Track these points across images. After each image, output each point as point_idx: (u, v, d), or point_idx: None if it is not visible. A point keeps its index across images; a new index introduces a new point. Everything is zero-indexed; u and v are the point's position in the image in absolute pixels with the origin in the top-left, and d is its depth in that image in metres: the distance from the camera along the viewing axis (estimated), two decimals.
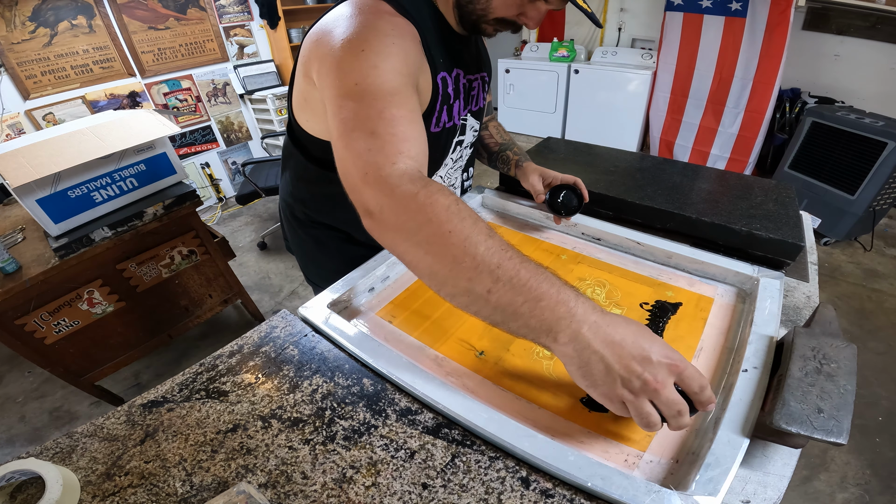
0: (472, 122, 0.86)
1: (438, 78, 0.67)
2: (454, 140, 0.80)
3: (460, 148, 0.84)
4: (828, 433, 0.42)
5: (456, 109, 0.74)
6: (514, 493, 0.44)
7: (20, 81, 2.42)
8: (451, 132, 0.77)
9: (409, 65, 0.57)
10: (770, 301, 0.63)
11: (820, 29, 3.13)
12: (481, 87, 0.84)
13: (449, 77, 0.70)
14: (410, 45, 0.58)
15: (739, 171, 3.26)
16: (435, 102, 0.68)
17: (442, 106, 0.70)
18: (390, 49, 0.54)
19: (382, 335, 0.65)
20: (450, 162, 0.84)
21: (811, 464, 1.51)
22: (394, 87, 0.53)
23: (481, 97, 0.85)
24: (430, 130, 0.69)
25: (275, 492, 0.44)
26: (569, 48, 4.01)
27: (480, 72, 0.82)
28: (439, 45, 0.67)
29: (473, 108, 0.84)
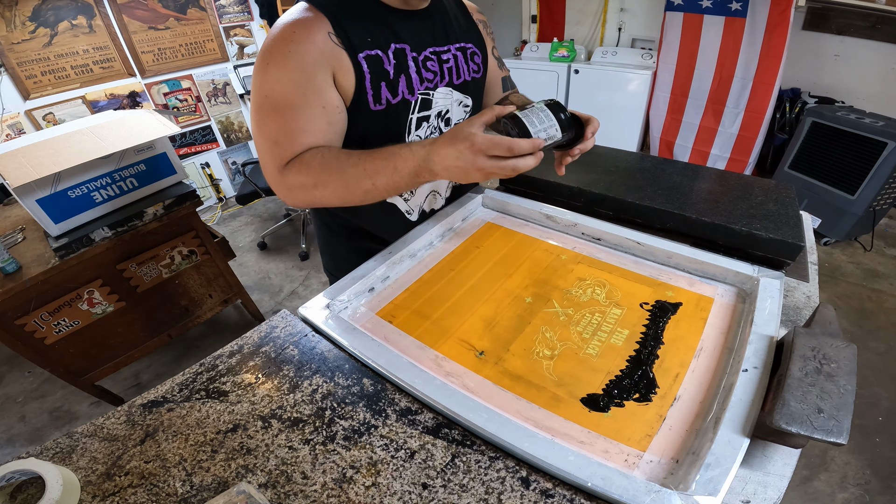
0: (458, 96, 0.84)
1: (361, 58, 0.68)
2: (413, 116, 0.78)
3: (427, 124, 0.82)
4: (828, 433, 0.42)
5: (403, 85, 0.74)
6: (514, 493, 0.44)
7: (20, 81, 2.42)
8: (402, 108, 0.75)
9: (309, 65, 0.64)
10: (770, 301, 0.63)
11: (820, 29, 3.13)
12: (464, 60, 0.83)
13: (383, 54, 0.70)
14: (309, 45, 0.64)
15: (739, 171, 3.26)
16: (362, 82, 0.69)
17: (377, 83, 0.70)
18: (289, 59, 0.64)
19: (382, 335, 0.65)
20: (416, 139, 0.81)
21: (811, 464, 1.51)
22: (292, 99, 0.65)
23: (465, 70, 0.84)
24: (371, 108, 0.71)
25: (275, 492, 0.44)
26: (569, 48, 4.01)
27: (451, 44, 0.81)
28: (365, 25, 0.69)
29: (456, 82, 0.83)
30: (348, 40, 0.67)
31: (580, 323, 0.66)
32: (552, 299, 0.71)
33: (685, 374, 0.57)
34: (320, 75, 0.65)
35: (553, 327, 0.65)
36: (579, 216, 0.88)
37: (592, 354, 0.61)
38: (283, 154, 0.68)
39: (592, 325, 0.65)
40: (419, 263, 0.81)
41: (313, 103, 0.66)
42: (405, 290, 0.75)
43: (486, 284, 0.75)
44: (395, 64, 0.72)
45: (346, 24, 0.67)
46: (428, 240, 0.85)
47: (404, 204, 0.89)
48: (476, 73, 0.87)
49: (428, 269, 0.79)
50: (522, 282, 0.75)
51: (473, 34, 0.88)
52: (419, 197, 0.90)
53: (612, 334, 0.64)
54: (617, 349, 0.61)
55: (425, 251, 0.84)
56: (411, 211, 0.90)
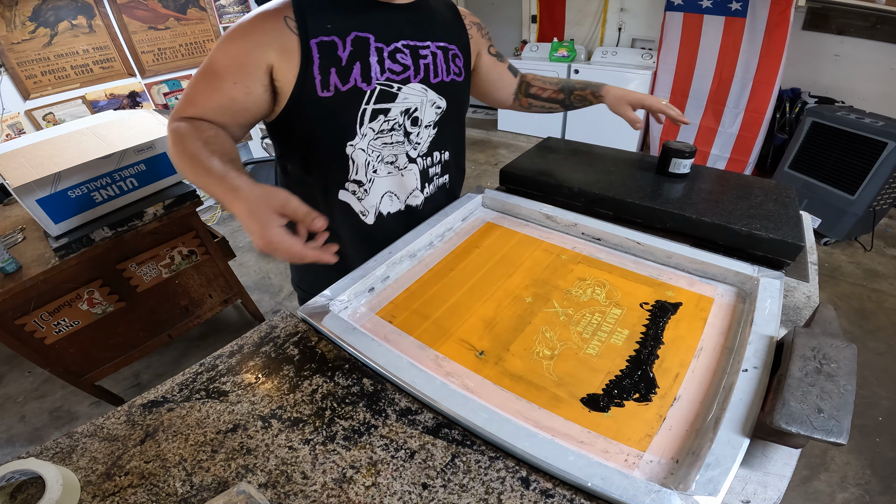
0: (433, 96, 0.82)
1: (313, 43, 0.68)
2: (367, 106, 0.75)
3: (384, 118, 0.78)
4: (828, 433, 0.42)
5: (357, 73, 0.72)
6: (514, 493, 0.44)
7: (20, 81, 2.42)
8: (352, 96, 0.73)
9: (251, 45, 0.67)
10: (770, 301, 0.63)
11: (820, 29, 3.13)
12: (444, 59, 0.82)
13: (340, 41, 0.70)
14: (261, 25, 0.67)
15: (739, 171, 3.26)
16: (309, 67, 0.68)
17: (325, 69, 0.70)
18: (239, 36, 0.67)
19: (382, 335, 0.65)
20: (370, 132, 0.78)
21: (811, 464, 1.51)
22: (219, 68, 0.68)
23: (443, 70, 0.82)
24: (318, 95, 0.70)
25: (275, 492, 0.44)
26: (569, 48, 4.02)
27: (431, 41, 0.80)
28: (330, 12, 0.70)
29: (433, 81, 0.81)
30: (304, 25, 0.67)
31: (580, 323, 0.66)
32: (552, 299, 0.71)
33: (685, 374, 0.57)
34: (257, 54, 0.67)
35: (553, 327, 0.65)
36: (579, 216, 0.88)
37: (592, 354, 0.61)
38: (184, 109, 0.70)
39: (592, 325, 0.65)
40: (419, 263, 0.81)
41: (230, 76, 0.67)
42: (405, 290, 0.75)
43: (486, 284, 0.75)
44: (350, 51, 0.71)
45: (309, 9, 0.68)
46: (428, 240, 0.85)
47: (358, 203, 0.84)
48: (457, 75, 0.85)
49: (428, 269, 0.79)
50: (522, 282, 0.75)
51: (460, 38, 0.86)
52: (373, 196, 0.85)
53: (612, 334, 0.64)
54: (617, 349, 0.61)
55: (425, 251, 0.84)
56: (366, 212, 0.86)
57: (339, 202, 0.83)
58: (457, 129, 0.94)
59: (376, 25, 0.73)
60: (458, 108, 0.90)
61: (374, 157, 0.81)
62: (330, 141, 0.77)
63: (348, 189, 0.82)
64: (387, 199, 0.87)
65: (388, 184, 0.85)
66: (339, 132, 0.76)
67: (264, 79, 0.69)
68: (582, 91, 1.01)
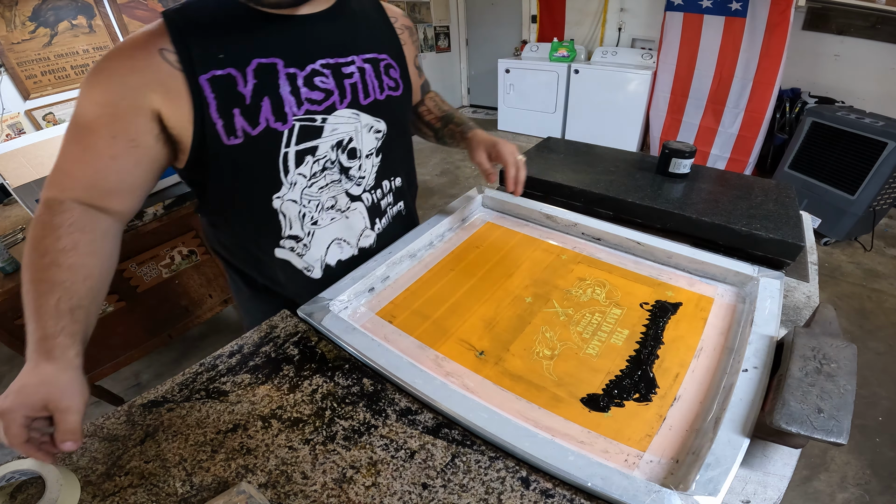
0: (368, 120, 0.69)
1: (203, 80, 0.54)
2: (289, 150, 0.63)
3: (313, 158, 0.65)
4: (828, 433, 0.42)
5: (267, 110, 0.59)
6: (514, 493, 0.44)
7: (20, 81, 2.42)
8: (267, 140, 0.60)
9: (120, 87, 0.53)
10: (770, 301, 0.63)
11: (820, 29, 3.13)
12: (374, 74, 0.69)
13: (239, 73, 0.56)
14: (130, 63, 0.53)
15: (739, 171, 3.26)
16: (204, 111, 0.55)
17: (226, 111, 0.56)
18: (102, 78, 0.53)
19: (382, 335, 0.65)
20: (300, 179, 0.66)
21: (811, 464, 1.51)
22: (89, 121, 0.54)
23: (375, 87, 0.69)
24: (225, 143, 0.57)
25: (275, 492, 0.44)
26: (569, 48, 4.02)
27: (356, 54, 0.66)
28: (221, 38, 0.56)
29: (364, 102, 0.68)
30: (188, 58, 0.54)
31: (580, 323, 0.66)
32: (552, 299, 0.71)
33: (685, 374, 0.57)
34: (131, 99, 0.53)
35: (553, 327, 0.65)
36: (579, 216, 0.88)
37: (592, 354, 0.61)
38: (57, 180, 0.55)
39: (592, 325, 0.65)
40: (419, 263, 0.81)
41: (104, 130, 0.53)
42: (405, 290, 0.75)
43: (486, 284, 0.75)
44: (255, 84, 0.57)
45: (191, 36, 0.54)
46: (428, 240, 0.85)
47: (299, 260, 0.73)
48: (393, 89, 0.72)
49: (428, 269, 0.79)
50: (522, 282, 0.75)
51: (391, 44, 0.73)
52: (317, 250, 0.73)
53: (612, 334, 0.64)
54: (617, 349, 0.61)
55: (425, 251, 0.84)
56: (310, 267, 0.74)
57: (277, 260, 0.72)
58: (406, 148, 0.82)
59: (283, 46, 0.60)
60: (401, 127, 0.78)
61: (311, 208, 0.69)
62: (250, 196, 0.65)
63: (284, 246, 0.71)
64: (335, 248, 0.76)
65: (333, 231, 0.74)
66: (259, 186, 0.64)
67: (152, 126, 0.55)
68: (456, 127, 0.86)
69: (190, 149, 0.58)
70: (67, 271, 0.51)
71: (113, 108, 0.53)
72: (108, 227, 0.57)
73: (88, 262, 0.53)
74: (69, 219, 0.53)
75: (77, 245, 0.52)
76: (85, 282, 0.52)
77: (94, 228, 0.55)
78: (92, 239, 0.54)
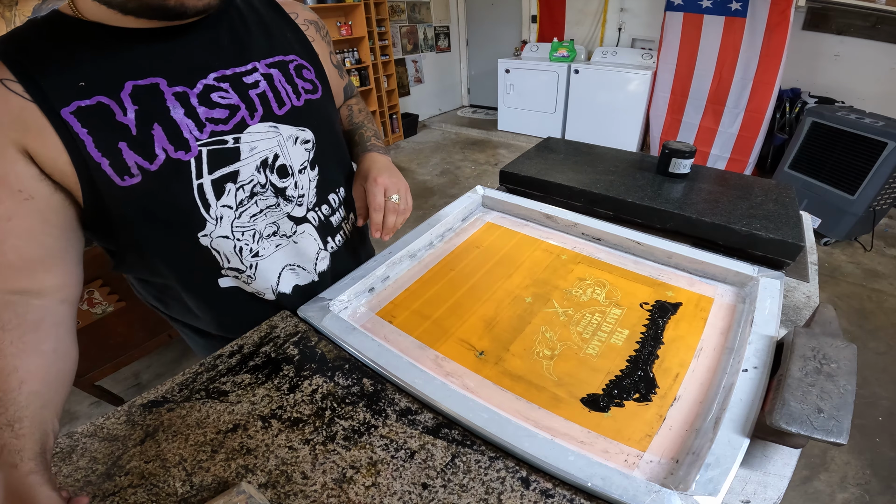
0: (290, 131, 0.60)
1: (66, 114, 0.45)
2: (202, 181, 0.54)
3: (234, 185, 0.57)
4: (828, 433, 0.42)
5: (162, 139, 0.50)
6: (514, 493, 0.44)
7: None
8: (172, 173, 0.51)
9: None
10: (770, 301, 0.63)
11: (820, 29, 3.13)
12: (285, 79, 0.60)
13: (112, 101, 0.48)
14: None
15: (739, 171, 3.26)
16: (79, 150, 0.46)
17: (109, 146, 0.48)
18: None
19: (382, 335, 0.65)
20: (226, 212, 0.57)
21: (811, 464, 1.51)
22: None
23: (289, 93, 0.61)
24: (119, 185, 0.49)
25: (275, 492, 0.44)
26: (569, 48, 4.02)
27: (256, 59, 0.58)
28: (74, 64, 0.47)
29: (279, 112, 0.59)
30: (39, 91, 0.44)
31: (580, 323, 0.66)
32: (552, 299, 0.71)
33: (685, 374, 0.57)
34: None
35: (553, 327, 0.65)
36: (579, 216, 0.88)
37: (592, 354, 0.61)
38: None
39: (592, 325, 0.65)
40: (419, 263, 0.81)
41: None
42: (405, 290, 0.75)
43: (486, 284, 0.75)
44: (137, 111, 0.49)
45: (34, 68, 0.45)
46: (428, 240, 0.85)
47: (248, 286, 0.65)
48: (311, 92, 0.64)
49: (428, 269, 0.79)
50: (522, 282, 0.75)
51: (297, 41, 0.64)
52: (264, 280, 0.65)
53: (612, 334, 0.64)
54: (617, 349, 0.61)
55: (425, 251, 0.84)
56: (262, 293, 0.67)
57: (224, 290, 0.64)
58: (340, 154, 0.73)
59: (160, 63, 0.51)
60: (330, 133, 0.68)
61: (247, 239, 0.61)
62: (169, 239, 0.56)
63: (228, 275, 0.63)
64: (288, 275, 0.68)
65: (281, 259, 0.66)
66: (179, 226, 0.55)
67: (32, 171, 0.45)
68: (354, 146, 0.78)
69: (82, 196, 0.48)
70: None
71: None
72: (43, 315, 0.46)
73: (21, 363, 0.42)
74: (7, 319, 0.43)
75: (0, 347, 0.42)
76: (21, 388, 0.41)
77: (20, 322, 0.44)
78: (19, 335, 0.43)
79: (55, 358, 0.46)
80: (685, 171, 0.98)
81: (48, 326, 0.46)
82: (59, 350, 0.46)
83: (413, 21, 4.75)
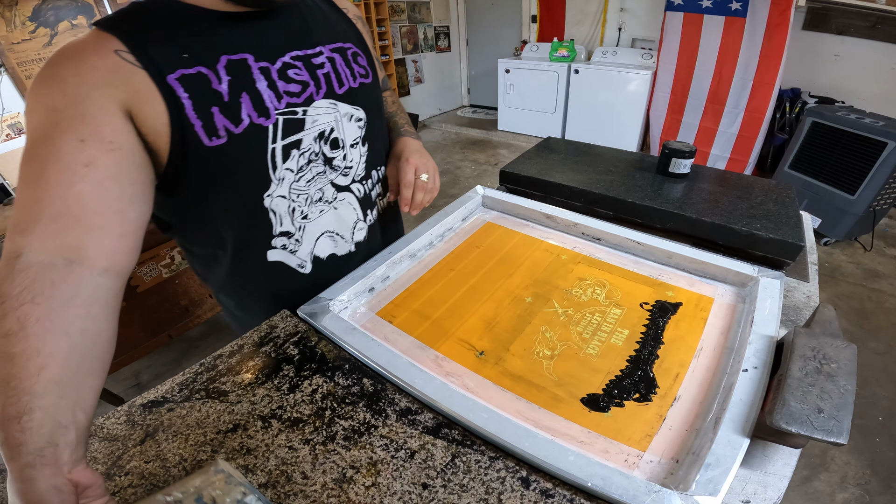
0: (346, 108, 0.68)
1: (172, 80, 0.51)
2: (276, 145, 0.61)
3: (298, 152, 0.64)
4: (828, 433, 0.42)
5: (248, 106, 0.57)
6: (514, 493, 0.44)
7: (20, 81, 2.42)
8: (253, 137, 0.58)
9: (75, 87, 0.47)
10: (770, 301, 0.63)
11: (820, 29, 3.13)
12: (344, 63, 0.68)
13: (210, 71, 0.54)
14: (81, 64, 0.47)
15: (739, 171, 3.26)
16: (180, 111, 0.52)
17: (204, 110, 0.53)
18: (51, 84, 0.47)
19: (382, 335, 0.65)
20: (287, 175, 0.64)
21: (811, 464, 1.51)
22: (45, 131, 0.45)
23: (348, 75, 0.68)
24: (206, 144, 0.54)
25: (275, 492, 0.44)
26: (569, 48, 4.02)
27: (321, 45, 0.66)
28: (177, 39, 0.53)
29: (339, 91, 0.67)
30: (149, 59, 0.50)
31: (580, 323, 0.66)
32: (552, 299, 0.71)
33: (685, 374, 0.57)
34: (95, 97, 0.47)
35: (553, 327, 0.65)
36: (579, 216, 0.88)
37: (592, 354, 0.61)
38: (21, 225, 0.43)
39: (592, 325, 0.65)
40: (419, 263, 0.81)
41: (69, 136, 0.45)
42: (405, 290, 0.75)
43: (486, 284, 0.75)
44: (230, 81, 0.55)
45: (143, 41, 0.50)
46: (428, 240, 0.85)
47: (293, 257, 0.71)
48: (364, 77, 0.71)
49: (428, 269, 0.79)
50: (522, 282, 0.75)
51: (352, 32, 0.73)
52: (307, 244, 0.71)
53: (612, 334, 0.64)
54: (617, 349, 0.61)
55: (425, 251, 0.84)
56: (304, 263, 0.73)
57: (269, 265, 0.69)
58: (384, 136, 0.82)
59: (249, 41, 0.58)
60: (378, 114, 0.77)
61: (300, 202, 0.68)
62: (237, 199, 0.62)
63: (277, 246, 0.69)
64: (325, 241, 0.73)
65: (324, 224, 0.72)
66: (248, 185, 0.61)
67: (128, 126, 0.49)
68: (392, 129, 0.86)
69: (167, 156, 0.53)
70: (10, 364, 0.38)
71: (75, 109, 0.46)
72: (77, 290, 0.43)
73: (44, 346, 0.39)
74: (20, 284, 0.40)
75: (25, 324, 0.39)
76: (40, 375, 0.38)
77: (52, 294, 0.41)
78: (48, 311, 0.40)
79: (83, 340, 0.42)
80: (685, 171, 0.98)
81: (80, 304, 0.43)
82: (88, 331, 0.43)
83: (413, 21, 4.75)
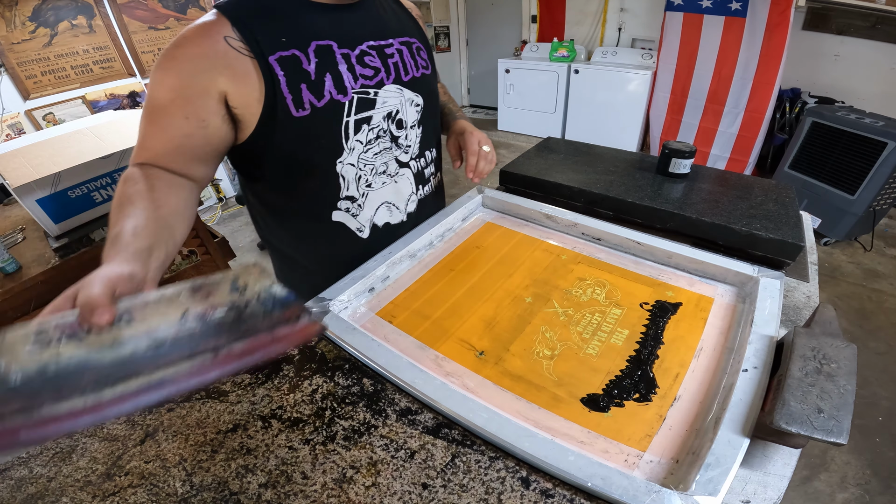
0: (409, 94, 0.79)
1: (273, 60, 0.63)
2: (349, 119, 0.72)
3: (368, 127, 0.75)
4: (828, 433, 0.42)
5: (330, 84, 0.68)
6: (514, 493, 0.44)
7: (20, 81, 2.42)
8: (331, 110, 0.69)
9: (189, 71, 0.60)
10: (770, 301, 0.63)
11: (820, 29, 3.13)
12: (409, 55, 0.79)
13: (301, 53, 0.65)
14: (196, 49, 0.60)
15: (739, 171, 3.26)
16: (276, 87, 0.63)
17: (295, 86, 0.65)
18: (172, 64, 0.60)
19: (382, 335, 0.65)
20: (357, 145, 0.75)
21: (811, 464, 1.51)
22: (163, 104, 0.61)
23: (412, 66, 0.79)
24: (294, 115, 0.66)
25: (275, 492, 0.44)
26: (569, 48, 4.02)
27: (392, 37, 0.77)
28: (278, 25, 0.64)
29: (405, 79, 0.78)
30: (255, 43, 0.62)
31: (580, 323, 0.66)
32: (552, 299, 0.71)
33: (685, 374, 0.57)
34: (200, 82, 0.60)
35: (553, 327, 0.65)
36: (579, 216, 0.88)
37: (592, 354, 0.61)
38: (137, 154, 0.64)
39: (592, 325, 0.65)
40: (419, 263, 0.81)
41: (178, 112, 0.61)
42: (405, 290, 0.75)
43: (486, 284, 0.75)
44: (317, 63, 0.67)
45: (253, 25, 0.62)
46: (428, 240, 0.85)
47: (353, 220, 0.81)
48: (425, 69, 0.82)
49: (428, 269, 0.79)
50: (522, 282, 0.75)
51: (416, 29, 0.84)
52: (368, 210, 0.82)
53: (612, 334, 0.64)
54: (617, 349, 0.61)
55: (425, 251, 0.84)
56: (362, 228, 0.82)
57: (332, 224, 0.79)
58: (436, 123, 0.93)
59: (335, 30, 0.69)
60: (434, 103, 0.88)
61: (366, 171, 0.78)
62: (314, 163, 0.73)
63: (341, 208, 0.79)
64: (383, 211, 0.84)
65: (384, 194, 0.82)
66: (325, 151, 0.72)
67: (219, 108, 0.62)
68: (444, 116, 0.98)
69: (256, 125, 0.65)
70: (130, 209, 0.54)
71: (184, 91, 0.60)
72: (188, 187, 0.65)
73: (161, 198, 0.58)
74: (156, 174, 0.60)
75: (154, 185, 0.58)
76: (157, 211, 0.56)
77: (178, 184, 0.63)
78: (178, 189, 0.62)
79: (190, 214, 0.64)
80: (685, 171, 0.98)
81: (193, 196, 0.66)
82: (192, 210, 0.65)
83: None
